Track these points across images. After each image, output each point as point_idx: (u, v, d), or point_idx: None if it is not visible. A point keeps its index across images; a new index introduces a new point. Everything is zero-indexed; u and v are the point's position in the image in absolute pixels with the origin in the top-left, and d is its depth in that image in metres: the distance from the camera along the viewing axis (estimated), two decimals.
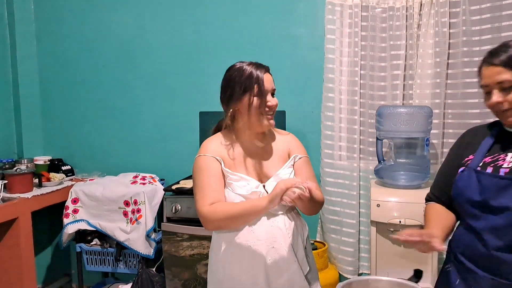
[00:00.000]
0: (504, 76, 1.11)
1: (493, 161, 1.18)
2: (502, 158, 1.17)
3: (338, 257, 2.53)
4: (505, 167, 1.15)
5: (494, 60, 1.14)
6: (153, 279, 2.41)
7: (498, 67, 1.12)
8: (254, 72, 1.35)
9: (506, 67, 1.11)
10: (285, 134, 1.53)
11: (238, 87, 1.35)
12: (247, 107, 1.34)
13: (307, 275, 1.40)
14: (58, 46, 2.95)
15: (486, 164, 1.19)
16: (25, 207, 2.35)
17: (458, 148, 1.33)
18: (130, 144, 2.90)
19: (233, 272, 1.36)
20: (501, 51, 1.14)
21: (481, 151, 1.22)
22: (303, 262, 1.39)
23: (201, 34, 2.73)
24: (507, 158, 1.16)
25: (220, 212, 1.31)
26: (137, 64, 2.85)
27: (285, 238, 1.35)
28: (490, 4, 2.19)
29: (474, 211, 1.17)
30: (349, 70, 2.46)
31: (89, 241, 2.60)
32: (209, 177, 1.35)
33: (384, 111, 2.19)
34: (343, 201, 2.49)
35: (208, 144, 1.42)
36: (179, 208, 2.30)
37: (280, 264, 1.33)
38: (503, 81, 1.12)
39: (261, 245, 1.33)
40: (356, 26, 2.41)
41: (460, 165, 1.25)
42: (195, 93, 2.75)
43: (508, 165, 1.15)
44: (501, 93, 1.13)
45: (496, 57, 1.14)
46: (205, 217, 1.32)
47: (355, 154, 2.47)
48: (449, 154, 1.38)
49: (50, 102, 3.01)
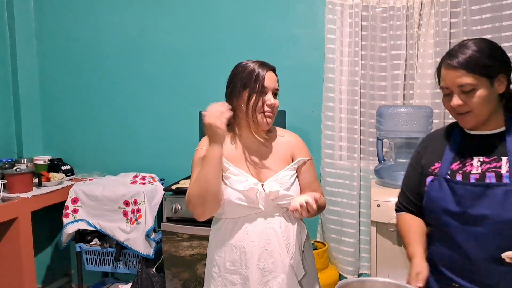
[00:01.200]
0: (466, 79, 1.09)
1: (460, 168, 1.16)
2: (469, 163, 1.16)
3: (338, 257, 2.53)
4: (474, 173, 1.13)
5: (454, 63, 1.11)
6: (153, 279, 2.41)
7: (458, 71, 1.10)
8: (256, 69, 1.34)
9: (466, 70, 1.09)
10: (289, 134, 1.49)
11: (239, 82, 1.35)
12: (246, 103, 1.34)
13: (302, 280, 1.37)
14: (58, 46, 2.95)
15: (455, 172, 1.17)
16: (25, 207, 2.35)
17: (421, 155, 1.30)
18: (130, 144, 2.90)
19: (227, 272, 1.36)
20: (460, 52, 1.12)
21: (447, 158, 1.20)
22: (298, 267, 1.36)
23: (202, 34, 2.73)
24: (474, 163, 1.15)
25: (190, 190, 1.30)
26: (137, 64, 2.85)
27: (280, 240, 1.33)
28: (490, 4, 2.19)
29: (453, 222, 1.14)
30: (350, 69, 2.45)
31: (88, 241, 2.60)
32: None
33: (384, 111, 2.19)
34: (343, 201, 2.49)
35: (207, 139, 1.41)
36: (179, 208, 2.30)
37: (273, 267, 1.32)
38: (464, 85, 1.10)
39: (254, 247, 1.32)
40: (356, 26, 2.41)
41: (427, 174, 1.23)
42: (195, 93, 2.75)
43: (477, 170, 1.13)
44: (461, 95, 1.11)
45: (456, 58, 1.11)
46: (187, 202, 1.32)
47: (356, 154, 2.47)
48: (412, 163, 1.34)
49: (50, 102, 3.01)
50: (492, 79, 1.10)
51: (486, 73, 1.10)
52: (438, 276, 1.20)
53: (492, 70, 1.10)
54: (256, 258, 1.32)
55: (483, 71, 1.09)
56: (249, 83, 1.33)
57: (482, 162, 1.14)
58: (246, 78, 1.34)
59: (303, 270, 1.37)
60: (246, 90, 1.34)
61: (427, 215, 1.24)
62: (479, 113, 1.12)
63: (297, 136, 1.50)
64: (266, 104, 1.34)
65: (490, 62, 1.10)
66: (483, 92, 1.10)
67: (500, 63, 1.12)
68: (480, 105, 1.10)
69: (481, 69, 1.09)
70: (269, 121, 1.37)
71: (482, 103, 1.10)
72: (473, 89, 1.10)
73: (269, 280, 1.32)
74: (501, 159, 1.12)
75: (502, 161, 1.11)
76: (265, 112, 1.35)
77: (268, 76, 1.35)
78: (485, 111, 1.12)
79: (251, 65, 1.36)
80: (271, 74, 1.37)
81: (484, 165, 1.13)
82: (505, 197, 1.06)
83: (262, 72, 1.34)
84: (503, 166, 1.10)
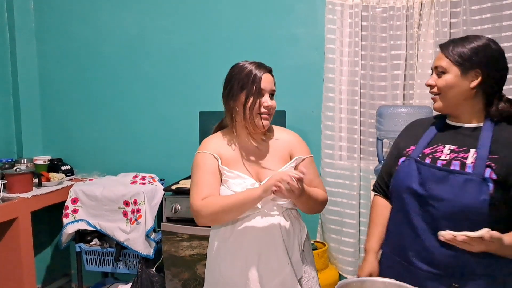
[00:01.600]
0: (440, 62, 1.20)
1: (431, 152, 1.23)
2: (440, 150, 1.22)
3: (338, 257, 2.53)
4: (442, 159, 1.19)
5: (443, 46, 1.22)
6: (152, 279, 2.41)
7: (441, 53, 1.21)
8: (253, 71, 1.34)
9: (445, 54, 1.19)
10: (287, 133, 1.49)
11: (236, 84, 1.35)
12: (243, 105, 1.34)
13: (302, 280, 1.37)
14: (58, 46, 2.95)
15: (425, 155, 1.23)
16: (25, 207, 2.35)
17: (402, 139, 1.37)
18: (130, 144, 2.90)
19: (227, 272, 1.36)
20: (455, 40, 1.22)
21: (422, 142, 1.27)
22: (297, 266, 1.36)
23: (201, 34, 2.73)
24: (445, 150, 1.21)
25: (213, 205, 1.30)
26: (137, 64, 2.85)
27: (279, 240, 1.33)
28: (490, 4, 2.19)
29: (412, 202, 1.21)
30: (350, 70, 2.45)
31: (88, 241, 2.60)
32: (205, 174, 1.36)
33: (384, 111, 2.19)
34: (343, 201, 2.49)
35: (207, 142, 1.43)
36: (179, 208, 2.30)
37: (273, 266, 1.32)
38: (438, 67, 1.21)
39: (254, 246, 1.32)
40: (356, 26, 2.41)
41: (401, 155, 1.30)
42: (195, 93, 2.75)
43: (445, 157, 1.19)
44: (435, 77, 1.22)
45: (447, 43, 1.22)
46: (197, 211, 1.31)
47: (355, 154, 2.47)
48: (393, 145, 1.42)
49: (50, 102, 3.01)
50: (465, 70, 1.17)
51: (459, 62, 1.17)
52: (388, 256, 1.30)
53: (467, 62, 1.17)
54: (256, 257, 1.32)
55: (458, 59, 1.17)
56: (246, 85, 1.33)
57: (452, 150, 1.20)
58: (243, 80, 1.34)
59: (302, 269, 1.38)
60: (243, 92, 1.34)
61: (392, 193, 1.32)
62: (445, 97, 1.21)
63: (295, 134, 1.50)
64: (263, 105, 1.35)
65: (470, 55, 1.17)
66: (450, 78, 1.18)
67: (481, 60, 1.16)
68: (446, 88, 1.19)
69: (457, 57, 1.17)
70: (266, 123, 1.37)
71: (448, 88, 1.19)
72: (443, 72, 1.19)
73: (269, 279, 1.32)
74: (469, 151, 1.18)
75: (470, 152, 1.17)
76: (262, 114, 1.35)
77: (265, 78, 1.35)
78: (451, 98, 1.20)
79: (248, 66, 1.36)
80: (267, 76, 1.37)
81: (453, 154, 1.19)
82: (464, 184, 1.12)
83: (259, 74, 1.34)
84: (470, 157, 1.16)
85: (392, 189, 1.31)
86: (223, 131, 1.46)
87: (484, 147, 1.15)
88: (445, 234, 1.05)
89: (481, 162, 1.13)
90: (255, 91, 1.33)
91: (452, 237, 1.03)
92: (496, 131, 1.17)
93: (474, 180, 1.11)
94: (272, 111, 1.38)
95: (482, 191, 1.10)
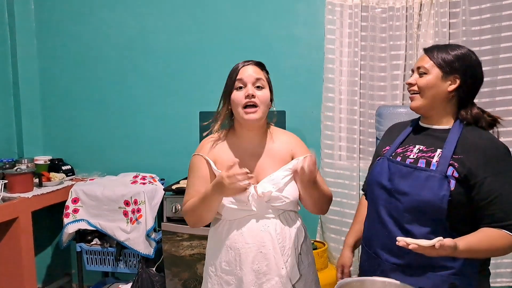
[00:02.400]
0: (423, 63, 1.27)
1: (403, 152, 1.32)
2: (411, 150, 1.31)
3: (338, 257, 2.53)
4: (411, 158, 1.28)
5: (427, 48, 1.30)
6: (153, 278, 2.42)
7: (424, 55, 1.29)
8: (235, 67, 1.36)
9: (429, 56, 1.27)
10: (287, 135, 1.48)
11: (226, 86, 1.37)
12: (228, 102, 1.36)
13: (297, 284, 1.35)
14: (58, 46, 2.96)
15: (397, 154, 1.33)
16: (25, 206, 2.35)
17: (382, 141, 1.48)
18: (130, 144, 2.90)
19: (222, 272, 1.36)
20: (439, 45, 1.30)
21: (396, 143, 1.37)
22: (292, 270, 1.34)
23: (201, 34, 2.73)
24: (414, 150, 1.30)
25: (187, 207, 1.37)
26: (137, 64, 2.85)
27: (274, 243, 1.31)
28: (490, 4, 2.19)
29: (382, 195, 1.29)
30: (349, 70, 2.46)
31: (89, 240, 2.60)
32: (195, 178, 1.39)
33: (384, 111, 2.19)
34: (343, 201, 2.49)
35: (204, 143, 1.43)
36: (179, 208, 2.30)
37: (267, 270, 1.31)
38: (421, 67, 1.28)
39: (249, 249, 1.31)
40: (356, 26, 2.41)
41: (378, 155, 1.41)
42: (195, 93, 2.75)
43: (414, 156, 1.28)
44: (416, 76, 1.29)
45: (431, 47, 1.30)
46: (183, 214, 1.41)
47: (355, 154, 2.48)
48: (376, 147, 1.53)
49: (50, 102, 3.01)
50: (446, 74, 1.24)
51: (441, 66, 1.25)
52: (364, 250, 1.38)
53: (449, 66, 1.24)
54: (250, 260, 1.31)
55: (441, 62, 1.25)
56: (229, 81, 1.35)
57: (421, 150, 1.29)
58: (228, 78, 1.36)
59: (298, 273, 1.35)
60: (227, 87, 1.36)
61: (367, 189, 1.42)
62: (424, 97, 1.27)
63: (295, 136, 1.49)
64: (244, 95, 1.31)
65: (452, 60, 1.25)
66: (431, 79, 1.25)
67: (461, 67, 1.24)
68: (426, 88, 1.26)
69: (440, 60, 1.25)
70: (252, 116, 1.31)
71: (427, 88, 1.26)
72: (425, 73, 1.26)
73: (263, 282, 1.31)
74: (436, 151, 1.25)
75: (436, 152, 1.25)
76: (246, 106, 1.31)
77: (245, 69, 1.34)
78: (429, 98, 1.27)
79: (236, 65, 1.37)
80: (249, 67, 1.34)
81: (421, 153, 1.28)
82: (426, 180, 1.20)
83: (238, 68, 1.35)
84: (435, 156, 1.24)
85: (367, 185, 1.43)
86: (224, 131, 1.45)
87: (449, 147, 1.22)
88: (399, 240, 1.08)
89: (445, 161, 1.20)
90: (234, 83, 1.33)
91: (405, 244, 1.06)
92: (463, 134, 1.24)
93: (436, 177, 1.19)
94: (260, 99, 1.31)
95: (443, 187, 1.17)
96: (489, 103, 2.21)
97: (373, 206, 1.34)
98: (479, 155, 1.18)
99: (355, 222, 1.53)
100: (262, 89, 1.34)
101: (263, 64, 1.40)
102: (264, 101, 1.33)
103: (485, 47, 2.21)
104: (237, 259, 1.33)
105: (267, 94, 1.34)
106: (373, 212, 1.34)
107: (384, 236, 1.27)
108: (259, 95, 1.32)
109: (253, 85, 1.32)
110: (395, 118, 2.15)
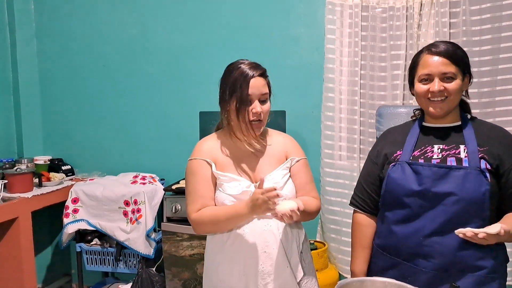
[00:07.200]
0: (450, 68, 1.24)
1: (422, 154, 1.29)
2: (430, 150, 1.29)
3: (338, 257, 2.53)
4: (435, 158, 1.26)
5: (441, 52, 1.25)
6: (153, 279, 2.42)
7: (444, 59, 1.25)
8: (241, 76, 1.31)
9: (451, 60, 1.24)
10: (282, 136, 1.50)
11: (227, 89, 1.34)
12: (235, 111, 1.33)
13: (301, 281, 1.36)
14: (58, 46, 2.96)
15: (417, 157, 1.29)
16: (25, 207, 2.35)
17: (382, 148, 1.40)
18: (130, 144, 2.90)
19: (225, 276, 1.35)
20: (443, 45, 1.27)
21: (408, 147, 1.32)
22: (296, 268, 1.35)
23: (202, 34, 2.73)
24: (435, 150, 1.28)
25: (206, 218, 1.33)
26: (137, 64, 2.85)
27: (278, 242, 1.32)
28: (490, 4, 2.19)
29: (416, 201, 1.24)
30: (349, 70, 2.46)
31: (89, 240, 2.60)
32: (198, 182, 1.36)
33: (384, 111, 2.19)
34: (343, 201, 2.49)
35: (200, 146, 1.42)
36: (179, 208, 2.30)
37: (272, 270, 1.31)
38: (448, 73, 1.25)
39: (253, 249, 1.31)
40: (356, 26, 2.41)
41: (389, 162, 1.33)
42: (195, 93, 2.75)
43: (438, 155, 1.26)
44: (441, 82, 1.25)
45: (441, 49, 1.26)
46: (193, 223, 1.36)
47: (355, 154, 2.47)
48: (371, 157, 1.44)
49: (50, 102, 3.01)
50: (465, 74, 1.28)
51: (463, 68, 1.27)
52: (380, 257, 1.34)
53: (466, 67, 1.28)
54: (255, 261, 1.31)
55: (462, 64, 1.26)
56: (235, 92, 1.32)
57: (442, 149, 1.27)
58: (233, 86, 1.32)
59: (302, 271, 1.36)
60: (233, 98, 1.33)
61: (387, 199, 1.33)
62: (453, 100, 1.27)
63: (291, 137, 1.51)
64: (251, 112, 1.33)
65: (465, 60, 1.28)
66: (459, 82, 1.26)
67: (469, 65, 1.30)
68: (456, 92, 1.25)
69: (462, 62, 1.26)
70: (257, 131, 1.36)
71: (457, 92, 1.26)
72: (452, 77, 1.25)
73: (268, 282, 1.31)
74: (459, 147, 1.26)
75: (460, 148, 1.25)
76: (252, 121, 1.34)
77: (254, 83, 1.32)
78: (456, 101, 1.28)
79: (237, 70, 1.33)
80: (257, 80, 1.33)
81: (444, 152, 1.26)
82: (465, 178, 1.20)
83: (246, 79, 1.31)
84: (462, 152, 1.24)
85: (386, 196, 1.33)
86: (218, 132, 1.46)
87: (472, 142, 1.23)
88: (465, 231, 1.09)
89: (474, 155, 1.21)
90: (243, 99, 1.31)
91: (473, 234, 1.07)
92: (475, 127, 1.27)
93: (473, 173, 1.19)
94: (264, 115, 1.36)
95: (482, 182, 1.18)
96: (489, 103, 2.21)
97: (405, 216, 1.27)
98: (500, 145, 1.23)
99: (361, 247, 1.42)
100: (266, 103, 1.37)
101: (266, 71, 1.39)
102: (266, 113, 1.38)
103: (485, 47, 2.21)
104: (241, 261, 1.32)
105: (269, 106, 1.38)
106: (404, 221, 1.28)
107: (419, 241, 1.23)
108: (263, 108, 1.35)
109: (259, 100, 1.34)
110: (395, 118, 2.14)
